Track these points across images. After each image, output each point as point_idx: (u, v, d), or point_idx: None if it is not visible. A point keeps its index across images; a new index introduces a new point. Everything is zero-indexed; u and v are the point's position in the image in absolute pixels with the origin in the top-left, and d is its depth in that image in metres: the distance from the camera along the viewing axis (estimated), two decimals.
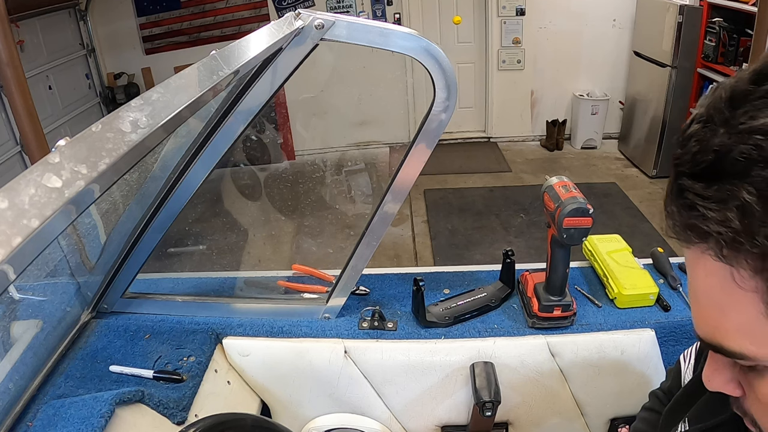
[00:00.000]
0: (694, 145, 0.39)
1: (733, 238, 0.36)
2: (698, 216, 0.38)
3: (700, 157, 0.38)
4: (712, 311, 0.42)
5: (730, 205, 0.36)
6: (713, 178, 0.37)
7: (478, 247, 3.89)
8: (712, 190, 0.37)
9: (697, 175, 0.39)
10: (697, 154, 0.39)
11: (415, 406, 1.26)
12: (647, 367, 1.19)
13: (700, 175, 0.38)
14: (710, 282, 0.41)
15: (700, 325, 0.45)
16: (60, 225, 0.46)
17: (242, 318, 1.27)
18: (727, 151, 0.36)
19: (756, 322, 0.39)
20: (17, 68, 2.12)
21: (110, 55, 5.31)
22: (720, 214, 0.37)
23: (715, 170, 0.37)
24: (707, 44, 4.20)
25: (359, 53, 4.86)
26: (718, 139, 0.37)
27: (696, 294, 0.44)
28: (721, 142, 0.37)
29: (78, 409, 0.96)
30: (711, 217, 0.37)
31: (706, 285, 0.42)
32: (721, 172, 0.37)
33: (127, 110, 0.57)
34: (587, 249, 1.40)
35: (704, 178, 0.38)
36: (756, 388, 0.44)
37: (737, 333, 0.41)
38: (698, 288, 0.43)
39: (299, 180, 4.96)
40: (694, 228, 0.39)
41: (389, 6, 5.23)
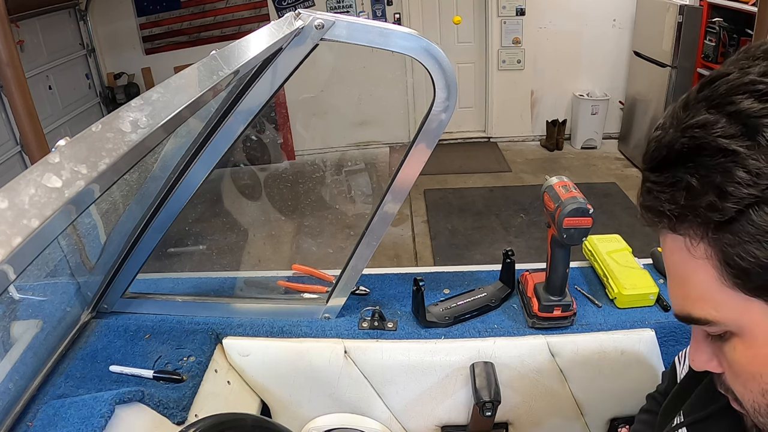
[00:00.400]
0: (653, 145, 0.48)
1: (680, 212, 0.45)
2: (655, 199, 0.47)
3: (656, 153, 0.47)
4: (678, 284, 0.50)
5: (678, 187, 0.45)
6: (665, 168, 0.46)
7: (478, 247, 3.89)
8: (664, 176, 0.46)
9: (654, 168, 0.47)
10: (654, 151, 0.47)
11: (415, 406, 1.26)
12: (647, 367, 1.19)
13: (656, 168, 0.47)
14: (674, 258, 0.49)
15: (673, 300, 0.52)
16: (60, 225, 0.46)
17: (242, 318, 1.27)
18: (674, 144, 0.45)
19: (712, 287, 0.46)
20: (17, 68, 2.12)
21: (110, 55, 5.31)
22: (670, 195, 0.45)
23: (667, 162, 0.46)
24: (707, 44, 4.20)
25: (359, 53, 4.87)
26: (669, 137, 0.46)
27: (668, 273, 0.52)
28: (670, 138, 0.46)
29: (78, 409, 0.96)
30: (663, 198, 0.46)
31: (671, 261, 0.50)
32: (670, 163, 0.45)
33: (127, 110, 0.57)
34: (587, 249, 1.40)
35: (659, 169, 0.47)
36: (727, 357, 0.50)
37: (700, 301, 0.48)
38: (668, 266, 0.52)
39: (299, 180, 4.96)
40: (652, 209, 0.48)
41: (389, 6, 5.23)
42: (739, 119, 0.42)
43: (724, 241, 0.43)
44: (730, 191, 0.41)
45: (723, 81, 0.44)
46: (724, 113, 0.43)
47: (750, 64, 0.44)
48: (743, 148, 0.41)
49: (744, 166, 0.41)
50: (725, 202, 0.42)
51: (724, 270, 0.45)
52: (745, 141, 0.41)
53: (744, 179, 0.41)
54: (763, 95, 0.41)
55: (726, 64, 0.46)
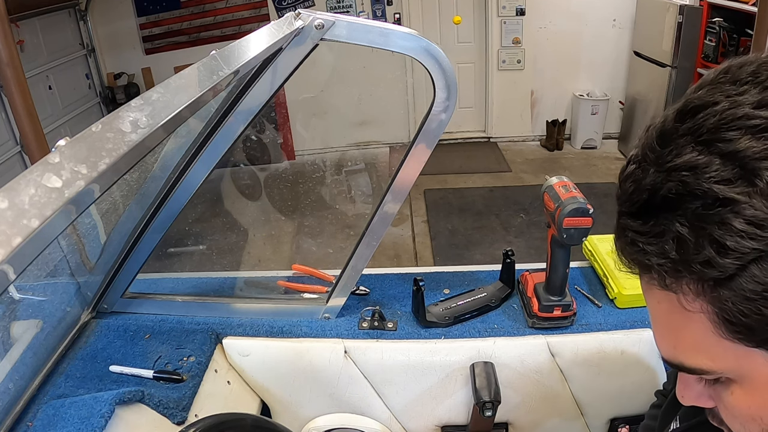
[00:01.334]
0: (630, 186, 0.42)
1: (672, 267, 0.40)
2: (639, 251, 0.42)
3: (635, 196, 0.42)
4: (668, 333, 0.46)
5: (666, 238, 0.39)
6: (648, 214, 0.41)
7: (478, 247, 3.89)
8: (649, 225, 0.41)
9: (634, 213, 0.42)
10: (633, 193, 0.42)
11: (415, 406, 1.26)
12: (647, 367, 1.19)
13: (636, 213, 0.42)
14: (662, 308, 0.45)
15: (660, 346, 0.48)
16: (60, 225, 0.46)
17: (242, 318, 1.27)
18: (658, 188, 0.40)
19: (708, 339, 0.41)
20: (17, 68, 2.12)
21: (110, 55, 5.31)
22: (658, 248, 0.40)
23: (650, 207, 0.41)
24: (707, 44, 4.20)
25: (359, 53, 4.86)
26: (650, 178, 0.40)
27: (653, 318, 0.48)
28: (652, 180, 0.40)
29: (78, 409, 0.96)
30: (650, 251, 0.41)
31: (658, 310, 0.46)
32: (655, 208, 0.40)
33: (127, 110, 0.57)
34: (587, 249, 1.40)
35: (641, 215, 0.41)
36: (723, 399, 0.47)
37: (693, 351, 0.44)
38: (653, 313, 0.47)
39: (299, 180, 4.96)
40: (638, 262, 0.43)
41: (389, 6, 5.23)
42: (735, 161, 0.37)
43: (723, 298, 0.39)
44: (730, 246, 0.36)
45: (710, 113, 0.38)
46: (717, 153, 0.37)
47: (738, 90, 0.39)
48: (742, 195, 0.36)
49: (744, 216, 0.36)
50: (725, 257, 0.37)
51: (723, 325, 0.40)
52: (743, 187, 0.36)
53: (745, 231, 0.36)
54: (760, 131, 0.36)
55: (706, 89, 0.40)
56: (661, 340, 0.47)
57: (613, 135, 5.48)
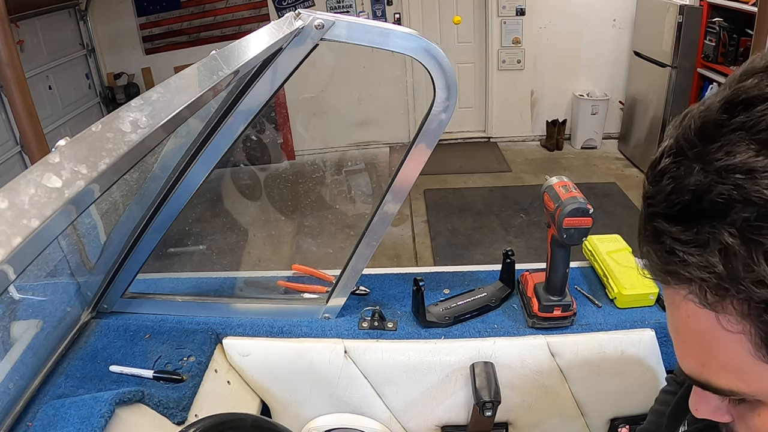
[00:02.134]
0: (668, 183, 0.37)
1: (717, 284, 0.35)
2: (679, 261, 0.37)
3: (675, 197, 0.36)
4: (697, 350, 0.41)
5: (711, 249, 0.34)
6: (692, 219, 0.36)
7: (478, 247, 3.89)
8: (692, 233, 0.35)
9: (673, 217, 0.37)
10: (672, 194, 0.37)
11: (415, 406, 1.26)
12: (647, 367, 1.19)
13: (677, 218, 0.37)
14: (694, 323, 0.40)
15: (685, 362, 0.43)
16: (60, 225, 0.46)
17: (242, 318, 1.27)
18: (705, 191, 0.35)
19: (744, 361, 0.37)
20: (17, 68, 2.12)
21: (110, 55, 5.31)
22: (702, 259, 0.35)
23: (693, 211, 0.35)
24: (707, 44, 4.20)
25: (359, 53, 4.86)
26: (694, 177, 0.35)
27: (678, 333, 0.43)
28: (697, 181, 0.35)
29: (78, 409, 0.96)
30: (692, 263, 0.36)
31: (688, 326, 0.41)
32: (699, 214, 0.35)
33: (127, 110, 0.57)
34: (587, 249, 1.40)
35: (681, 220, 0.36)
36: (747, 420, 0.43)
37: (725, 371, 0.40)
38: (680, 328, 0.42)
39: (299, 180, 4.96)
40: (675, 274, 0.38)
41: (389, 6, 5.23)
42: None
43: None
44: None
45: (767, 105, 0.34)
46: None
47: None
48: None
49: None
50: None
51: (766, 348, 0.36)
52: None
53: None
54: None
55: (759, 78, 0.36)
56: (686, 357, 0.43)
57: (613, 135, 5.48)
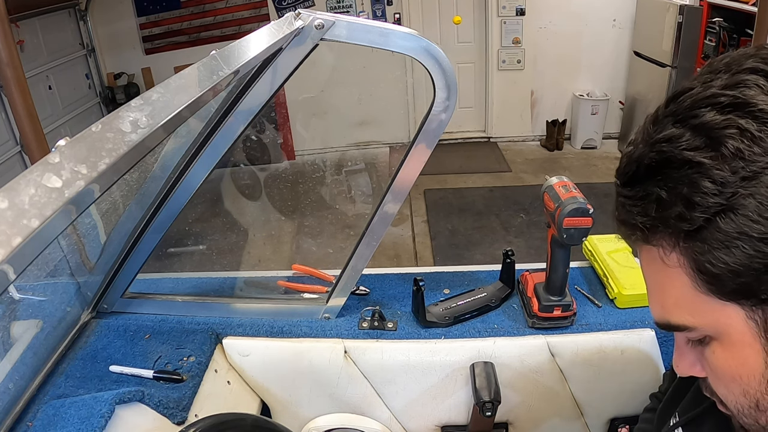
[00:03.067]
0: (624, 161, 0.49)
1: (652, 224, 0.47)
2: (627, 213, 0.48)
3: (627, 168, 0.48)
4: (656, 293, 0.52)
5: (648, 200, 0.46)
6: (636, 182, 0.47)
7: (478, 247, 3.89)
8: (635, 191, 0.47)
9: (625, 183, 0.49)
10: (626, 166, 0.49)
11: (415, 406, 1.26)
12: (647, 367, 1.19)
13: (627, 183, 0.48)
14: (649, 269, 0.52)
15: (652, 308, 0.54)
16: (60, 225, 0.46)
17: (242, 318, 1.27)
18: (643, 158, 0.46)
19: (688, 294, 0.47)
20: (17, 68, 2.12)
21: (110, 55, 5.31)
22: (641, 209, 0.47)
23: (637, 176, 0.47)
24: (707, 44, 4.20)
25: (359, 53, 4.86)
26: (638, 152, 0.47)
27: (646, 283, 0.54)
28: (639, 153, 0.47)
29: (78, 409, 0.96)
30: (636, 212, 0.47)
31: (647, 272, 0.53)
32: (640, 177, 0.47)
33: (127, 110, 0.57)
34: (587, 249, 1.40)
35: (630, 184, 0.48)
36: (708, 361, 0.52)
37: (676, 308, 0.50)
38: (646, 278, 0.54)
39: (299, 180, 4.96)
40: (626, 223, 0.49)
41: (389, 6, 5.23)
42: (703, 131, 0.43)
43: (694, 249, 0.45)
44: (697, 201, 0.43)
45: (687, 95, 0.46)
46: (689, 126, 0.44)
47: (712, 77, 0.45)
48: (708, 159, 0.42)
49: (709, 177, 0.42)
50: (693, 211, 0.43)
51: (697, 277, 0.46)
52: (709, 152, 0.42)
53: (710, 189, 0.42)
54: (725, 107, 0.43)
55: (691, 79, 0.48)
56: (653, 304, 0.54)
57: (613, 135, 5.48)
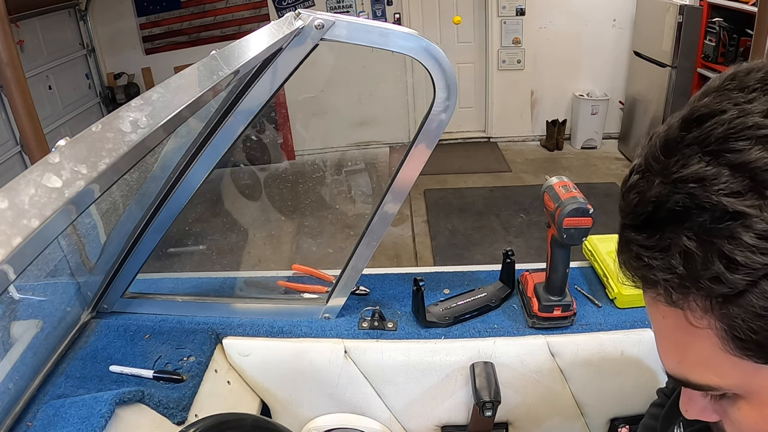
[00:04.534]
0: (634, 197, 0.41)
1: (679, 283, 0.38)
2: (645, 266, 0.40)
3: (640, 208, 0.40)
4: (673, 349, 0.44)
5: (672, 253, 0.38)
6: (654, 227, 0.39)
7: (478, 247, 3.89)
8: (654, 239, 0.39)
9: (638, 226, 0.41)
10: (637, 206, 0.40)
11: (415, 406, 1.26)
12: (647, 367, 1.19)
13: (641, 227, 0.40)
14: (667, 323, 0.43)
15: (665, 361, 0.46)
16: (60, 225, 0.46)
17: (242, 318, 1.27)
18: (664, 201, 0.38)
19: (715, 355, 0.40)
20: (17, 68, 2.12)
21: (110, 55, 5.31)
22: (664, 262, 0.39)
23: (655, 220, 0.39)
24: (707, 44, 4.20)
25: (359, 53, 4.86)
26: (655, 190, 0.39)
27: (657, 333, 0.46)
28: (657, 192, 0.39)
29: (78, 409, 0.96)
30: (656, 266, 0.39)
31: (663, 326, 0.44)
32: (660, 221, 0.39)
33: (127, 110, 0.57)
34: (587, 249, 1.40)
35: (646, 228, 0.40)
36: (729, 415, 0.46)
37: (699, 367, 0.43)
38: (657, 328, 0.45)
39: (299, 180, 4.96)
40: (643, 277, 0.42)
41: (389, 6, 5.23)
42: (745, 172, 0.35)
43: (732, 315, 0.37)
44: (740, 261, 0.35)
45: (717, 122, 0.37)
46: (726, 164, 0.36)
47: (747, 98, 0.37)
48: (753, 208, 0.35)
49: (755, 231, 0.34)
50: (734, 273, 0.35)
51: (731, 341, 0.39)
52: (753, 200, 0.35)
53: (756, 246, 0.34)
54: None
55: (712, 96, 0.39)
56: (665, 355, 0.46)
57: (613, 135, 5.48)
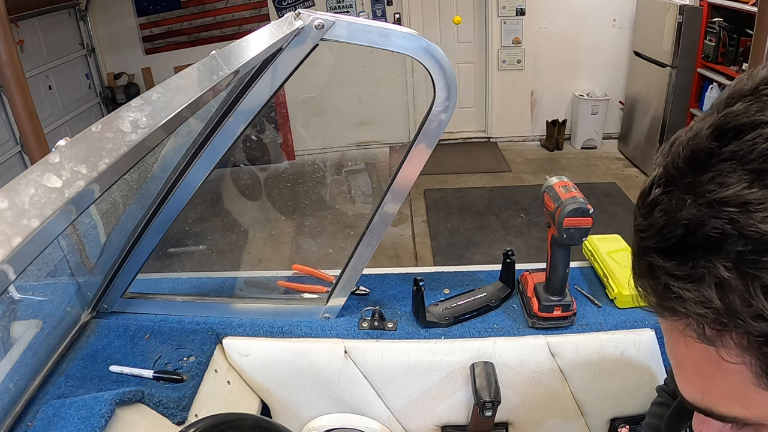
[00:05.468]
0: (660, 216, 0.36)
1: (715, 319, 0.34)
2: (676, 298, 0.35)
3: (668, 231, 0.35)
4: (697, 379, 0.40)
5: (708, 284, 0.33)
6: (685, 254, 0.34)
7: (478, 247, 3.89)
8: (687, 268, 0.34)
9: (667, 251, 0.36)
10: (665, 227, 0.35)
11: (415, 406, 1.26)
12: (647, 367, 1.19)
13: (670, 252, 0.35)
14: (692, 354, 0.38)
15: (686, 390, 0.42)
16: (60, 225, 0.46)
17: (242, 318, 1.27)
18: (699, 225, 0.33)
19: (746, 388, 0.36)
20: (17, 68, 2.12)
21: (110, 55, 5.31)
22: (698, 294, 0.34)
23: (687, 246, 0.34)
24: (707, 44, 4.20)
25: (359, 53, 4.86)
26: (687, 211, 0.34)
27: (677, 361, 0.41)
28: (690, 214, 0.34)
29: (78, 409, 0.96)
30: (689, 298, 0.34)
31: (687, 356, 0.39)
32: (693, 248, 0.34)
33: (127, 110, 0.57)
34: (587, 249, 1.40)
35: (675, 254, 0.35)
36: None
37: (726, 399, 0.38)
38: (679, 357, 0.41)
39: (299, 180, 4.96)
40: (671, 309, 0.37)
41: (389, 6, 5.23)
42: None
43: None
44: None
45: (760, 135, 0.32)
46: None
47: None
48: None
49: None
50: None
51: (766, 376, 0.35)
52: None
53: None
54: None
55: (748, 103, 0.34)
56: (686, 385, 0.41)
57: (613, 135, 5.48)
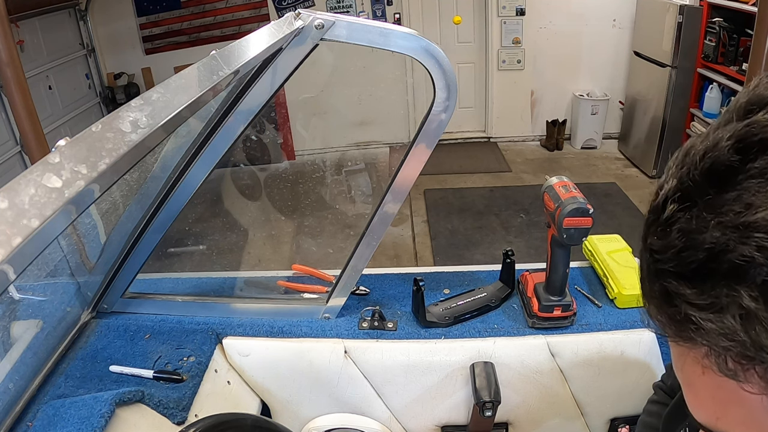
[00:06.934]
0: (679, 238, 0.33)
1: (739, 352, 0.31)
2: (694, 328, 0.33)
3: (688, 255, 0.32)
4: (711, 404, 0.37)
5: (731, 314, 0.31)
6: (706, 281, 0.32)
7: (478, 247, 3.89)
8: (709, 296, 0.31)
9: (686, 277, 0.33)
10: (684, 251, 0.32)
11: (415, 406, 1.26)
12: (647, 367, 1.19)
13: (690, 278, 0.32)
14: (707, 381, 0.36)
15: (698, 414, 0.39)
16: (60, 225, 0.46)
17: (242, 318, 1.27)
18: (724, 250, 0.30)
19: (764, 415, 0.34)
20: (17, 68, 2.12)
21: (110, 55, 5.31)
22: (721, 326, 0.31)
23: (709, 271, 0.31)
24: (707, 44, 4.20)
25: (359, 53, 4.86)
26: (710, 234, 0.31)
27: (690, 386, 0.39)
28: (714, 238, 0.31)
29: (78, 409, 0.96)
30: (711, 329, 0.32)
31: (701, 382, 0.37)
32: (715, 274, 0.31)
33: (127, 110, 0.57)
34: (587, 249, 1.40)
35: (696, 281, 0.32)
36: None
37: (742, 426, 0.36)
38: (692, 382, 0.38)
39: (299, 180, 4.96)
40: (690, 339, 0.34)
41: (389, 6, 5.23)
42: None
43: None
44: None
45: None
46: None
47: None
48: None
49: None
50: None
51: None
52: None
53: None
54: None
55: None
56: (699, 410, 0.38)
57: (613, 135, 5.48)
